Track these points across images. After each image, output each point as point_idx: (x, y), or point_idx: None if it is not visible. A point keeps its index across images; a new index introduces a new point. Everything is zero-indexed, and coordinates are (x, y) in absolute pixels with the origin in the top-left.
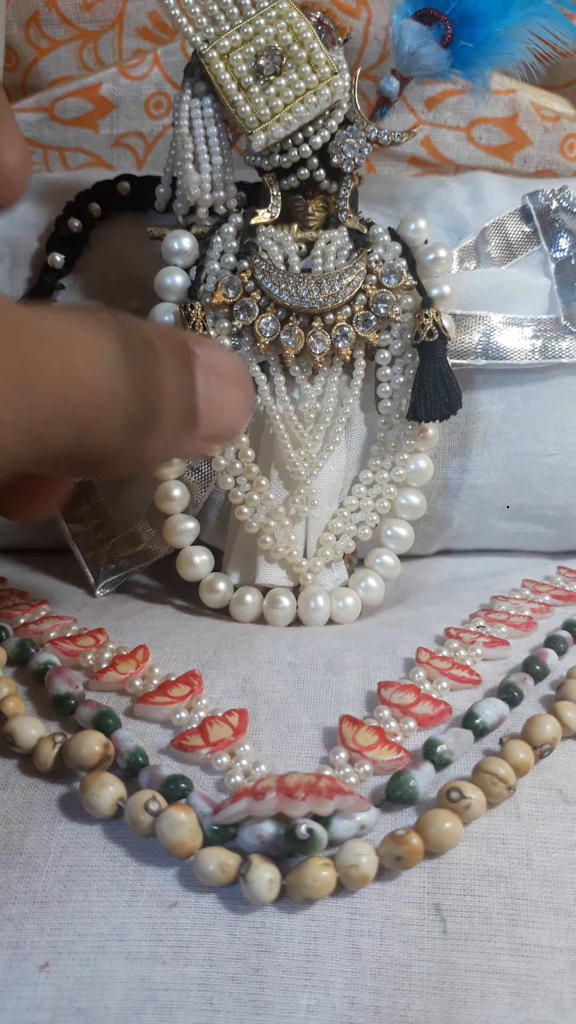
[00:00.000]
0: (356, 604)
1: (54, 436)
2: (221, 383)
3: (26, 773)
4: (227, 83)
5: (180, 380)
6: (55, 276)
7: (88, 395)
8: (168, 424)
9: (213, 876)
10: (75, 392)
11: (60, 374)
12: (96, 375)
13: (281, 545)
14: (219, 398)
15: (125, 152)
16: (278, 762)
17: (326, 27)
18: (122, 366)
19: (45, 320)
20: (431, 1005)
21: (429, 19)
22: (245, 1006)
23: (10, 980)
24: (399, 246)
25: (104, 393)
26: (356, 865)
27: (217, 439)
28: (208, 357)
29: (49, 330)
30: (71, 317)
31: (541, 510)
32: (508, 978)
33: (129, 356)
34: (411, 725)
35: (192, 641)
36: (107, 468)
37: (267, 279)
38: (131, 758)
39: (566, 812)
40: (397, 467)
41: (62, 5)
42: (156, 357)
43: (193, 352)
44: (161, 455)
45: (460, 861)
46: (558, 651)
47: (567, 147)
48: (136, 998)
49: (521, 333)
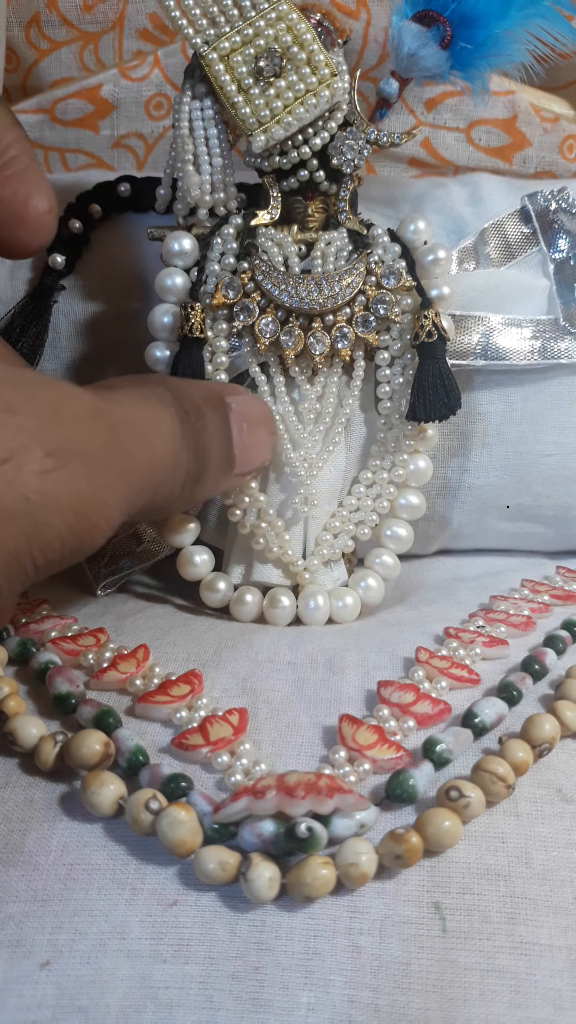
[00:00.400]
0: (356, 604)
1: (138, 502)
2: (251, 429)
3: (27, 772)
4: (227, 85)
5: (221, 434)
6: (55, 277)
7: (160, 466)
8: (213, 472)
9: (213, 874)
10: (152, 466)
11: (144, 457)
12: (164, 449)
13: (274, 546)
14: (250, 442)
15: (125, 153)
16: (278, 761)
17: (326, 29)
18: (180, 436)
19: (126, 410)
20: (430, 1003)
21: (428, 21)
22: (245, 1004)
23: (11, 978)
24: (399, 247)
25: (170, 461)
26: (356, 863)
27: (248, 475)
28: (240, 406)
29: (132, 421)
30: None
31: (540, 510)
32: (507, 976)
33: (185, 425)
34: (410, 724)
35: (192, 640)
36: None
37: (267, 280)
38: (132, 757)
39: (565, 811)
40: (397, 467)
41: (63, 6)
42: (204, 420)
43: (228, 404)
44: (205, 496)
45: (459, 860)
46: (557, 650)
47: (566, 148)
48: (136, 996)
49: (520, 334)
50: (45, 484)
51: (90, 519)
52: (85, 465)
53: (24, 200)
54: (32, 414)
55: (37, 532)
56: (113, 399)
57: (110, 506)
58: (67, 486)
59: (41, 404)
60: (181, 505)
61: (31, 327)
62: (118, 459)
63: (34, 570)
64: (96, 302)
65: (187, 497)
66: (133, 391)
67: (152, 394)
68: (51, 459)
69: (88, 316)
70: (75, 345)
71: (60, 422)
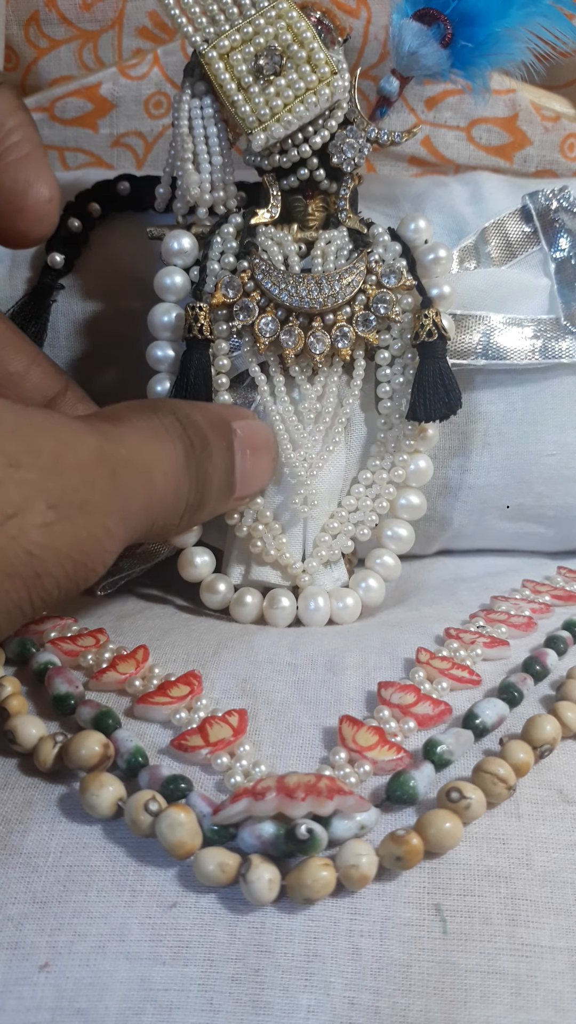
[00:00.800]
0: (356, 604)
1: (136, 533)
2: (254, 455)
3: (26, 773)
4: (227, 83)
5: (224, 461)
6: (55, 276)
7: (160, 501)
8: (212, 499)
9: (213, 876)
10: (153, 502)
11: (145, 496)
12: (167, 485)
13: (271, 548)
14: (252, 469)
15: (125, 152)
16: (278, 762)
17: (326, 27)
18: (184, 470)
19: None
20: (431, 1005)
21: (429, 19)
22: (245, 1006)
23: (10, 980)
24: (399, 246)
25: (171, 495)
26: (356, 865)
27: (247, 499)
28: (245, 432)
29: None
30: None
31: (541, 510)
32: (508, 978)
33: (189, 459)
34: (411, 725)
35: (192, 641)
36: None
37: (267, 279)
38: (131, 758)
39: (566, 812)
40: (397, 467)
41: (62, 5)
42: (209, 449)
43: (233, 430)
44: (203, 520)
45: (460, 861)
46: (558, 651)
47: (567, 147)
48: (136, 998)
49: (521, 333)
50: (46, 537)
51: (87, 565)
52: (84, 515)
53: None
54: (35, 467)
55: (37, 582)
56: (118, 436)
57: (107, 551)
58: (67, 537)
59: (44, 455)
60: (178, 532)
61: (30, 326)
62: (118, 504)
63: (31, 611)
64: (95, 301)
65: (184, 524)
66: (140, 423)
67: (160, 425)
68: (53, 511)
69: (87, 315)
70: (74, 344)
71: (63, 472)
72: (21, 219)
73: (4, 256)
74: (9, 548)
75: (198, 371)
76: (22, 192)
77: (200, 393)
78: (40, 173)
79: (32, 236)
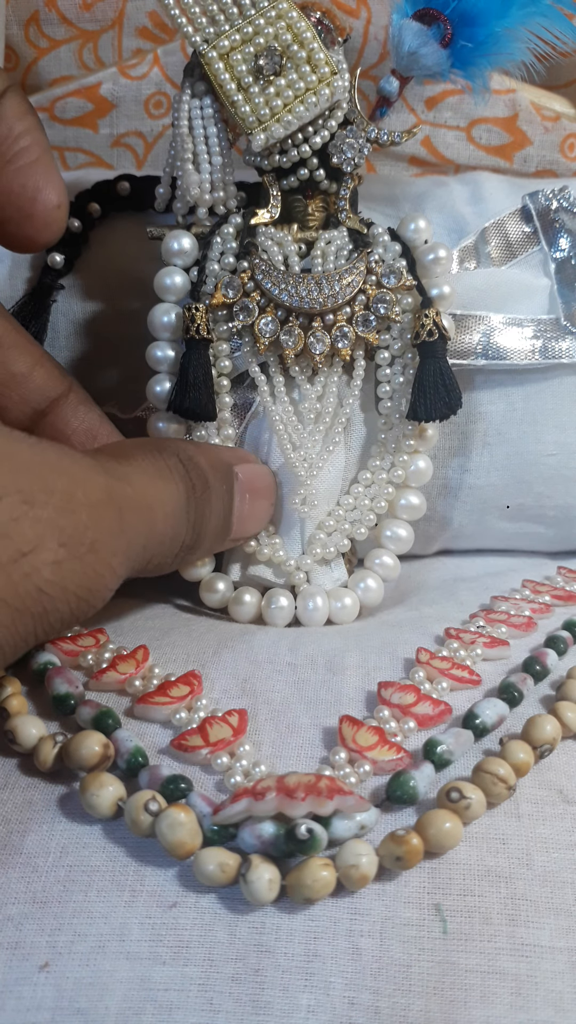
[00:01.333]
0: (355, 604)
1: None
2: (253, 500)
3: (26, 773)
4: (227, 83)
5: (223, 503)
6: (55, 276)
7: (159, 541)
8: (208, 541)
9: (213, 876)
10: (152, 542)
11: (146, 536)
12: (166, 525)
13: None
14: (250, 513)
15: (125, 152)
16: (278, 762)
17: (326, 27)
18: (184, 512)
19: (136, 488)
20: (431, 1005)
21: (429, 19)
22: (245, 1006)
23: (10, 980)
24: (399, 246)
25: (169, 536)
26: (356, 865)
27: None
28: (246, 476)
29: (140, 500)
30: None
31: (541, 510)
32: (508, 978)
33: (190, 501)
34: (411, 725)
35: (192, 641)
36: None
37: (267, 279)
38: (131, 758)
39: (566, 812)
40: (396, 467)
41: (62, 5)
42: (209, 492)
43: (235, 473)
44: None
45: (460, 861)
46: (558, 651)
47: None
48: (136, 998)
49: (521, 333)
50: (56, 575)
51: (89, 602)
52: (93, 554)
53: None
54: (48, 504)
55: (44, 618)
56: (124, 475)
57: (109, 588)
58: (75, 575)
59: (57, 493)
60: (170, 569)
61: (30, 326)
62: (123, 545)
63: (33, 643)
64: (95, 301)
65: (177, 563)
66: (146, 463)
67: (165, 466)
68: (64, 549)
69: (87, 315)
70: (74, 344)
71: (74, 510)
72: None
73: (4, 256)
74: (21, 585)
75: (197, 371)
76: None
77: (200, 393)
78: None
79: (40, 242)
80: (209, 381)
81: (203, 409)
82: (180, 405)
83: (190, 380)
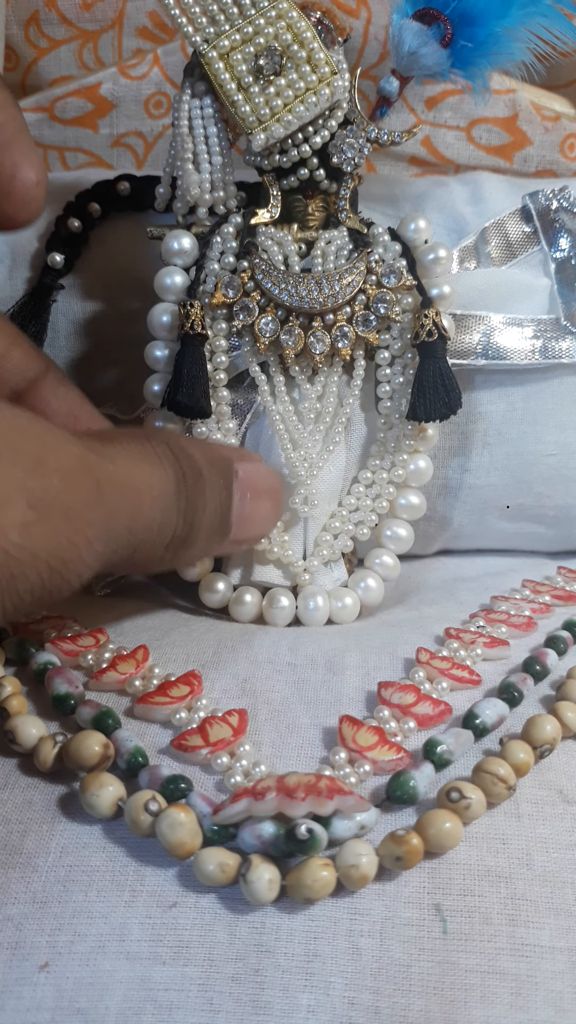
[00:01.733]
0: (355, 604)
1: (114, 559)
2: (255, 499)
3: (26, 773)
4: (227, 83)
5: (220, 500)
6: (55, 276)
7: (145, 527)
8: (203, 537)
9: (213, 876)
10: (136, 526)
11: (129, 516)
12: (153, 511)
13: (275, 546)
14: (251, 513)
15: (125, 152)
16: (278, 762)
17: (326, 27)
18: (173, 500)
19: (118, 467)
20: (431, 1005)
21: (429, 19)
22: (245, 1006)
23: (10, 980)
24: (399, 246)
25: (156, 523)
26: (356, 865)
27: (245, 544)
28: (247, 475)
29: (123, 479)
30: (137, 457)
31: (541, 510)
32: (508, 978)
33: (180, 490)
34: (411, 725)
35: (192, 641)
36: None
37: (267, 279)
38: (131, 758)
39: (566, 812)
40: (396, 467)
41: (62, 5)
42: (202, 483)
43: (235, 471)
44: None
45: (460, 861)
46: (558, 651)
47: (567, 147)
48: (136, 998)
49: (521, 333)
50: (25, 538)
51: (63, 575)
52: (66, 521)
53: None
54: (16, 463)
55: (11, 584)
56: (106, 454)
57: (85, 563)
58: (45, 541)
59: (26, 456)
60: (163, 566)
61: (30, 326)
62: (101, 517)
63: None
64: (95, 301)
65: (171, 559)
66: (131, 447)
67: (151, 451)
68: (34, 512)
69: (87, 315)
70: (74, 344)
71: (45, 473)
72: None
73: (4, 256)
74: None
75: (192, 367)
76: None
77: (194, 389)
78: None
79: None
80: (204, 377)
81: (197, 405)
82: (173, 400)
83: (184, 376)
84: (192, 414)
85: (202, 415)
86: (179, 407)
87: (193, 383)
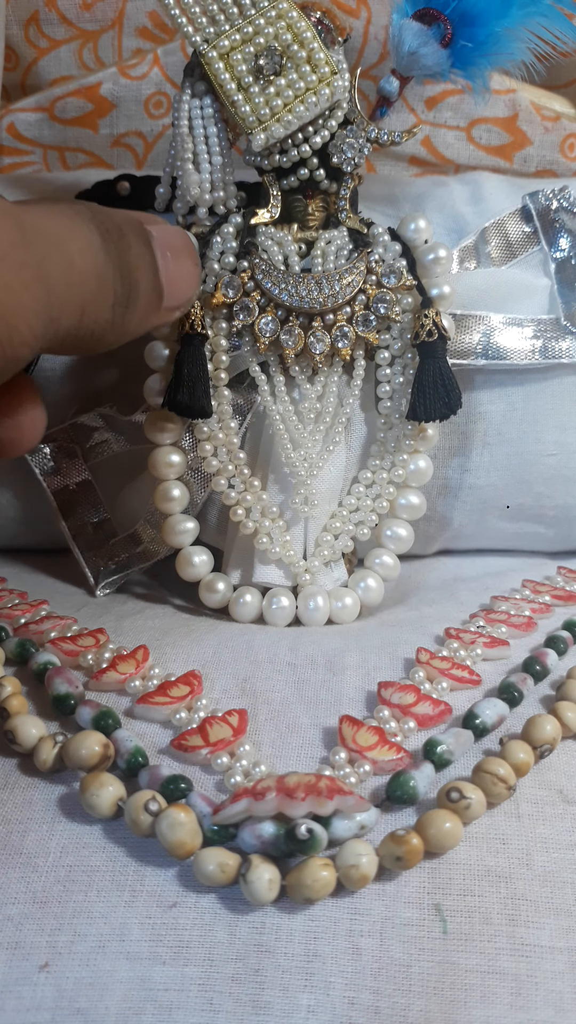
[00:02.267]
0: (355, 604)
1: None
2: (176, 258)
3: (26, 773)
4: (227, 83)
5: (146, 259)
6: None
7: (83, 279)
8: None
9: (213, 876)
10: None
11: (63, 264)
12: (85, 261)
13: (277, 545)
14: (176, 271)
15: (125, 152)
16: (278, 762)
17: (326, 27)
18: (102, 251)
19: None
20: (431, 1005)
21: (429, 19)
22: (245, 1006)
23: (10, 980)
24: (399, 246)
25: (93, 276)
26: (356, 865)
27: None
28: (161, 235)
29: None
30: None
31: (541, 510)
32: (508, 978)
33: (106, 241)
34: (411, 725)
35: (192, 641)
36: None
37: (267, 279)
38: (131, 758)
39: (566, 812)
40: (397, 467)
41: (62, 5)
42: (125, 239)
43: (149, 231)
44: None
45: (460, 861)
46: (558, 651)
47: (567, 147)
48: (136, 998)
49: (521, 333)
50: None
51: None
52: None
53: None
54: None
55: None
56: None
57: (28, 308)
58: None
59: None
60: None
61: None
62: (32, 258)
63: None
64: None
65: (119, 323)
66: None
67: (69, 208)
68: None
69: None
70: None
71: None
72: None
73: None
74: None
75: (192, 366)
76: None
77: (196, 388)
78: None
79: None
80: (204, 377)
81: (197, 404)
82: (174, 400)
83: (184, 376)
84: (193, 414)
85: (203, 415)
86: (180, 407)
87: (193, 383)
